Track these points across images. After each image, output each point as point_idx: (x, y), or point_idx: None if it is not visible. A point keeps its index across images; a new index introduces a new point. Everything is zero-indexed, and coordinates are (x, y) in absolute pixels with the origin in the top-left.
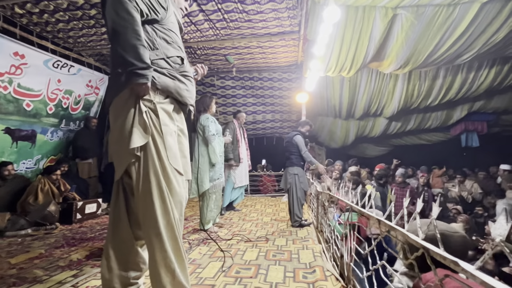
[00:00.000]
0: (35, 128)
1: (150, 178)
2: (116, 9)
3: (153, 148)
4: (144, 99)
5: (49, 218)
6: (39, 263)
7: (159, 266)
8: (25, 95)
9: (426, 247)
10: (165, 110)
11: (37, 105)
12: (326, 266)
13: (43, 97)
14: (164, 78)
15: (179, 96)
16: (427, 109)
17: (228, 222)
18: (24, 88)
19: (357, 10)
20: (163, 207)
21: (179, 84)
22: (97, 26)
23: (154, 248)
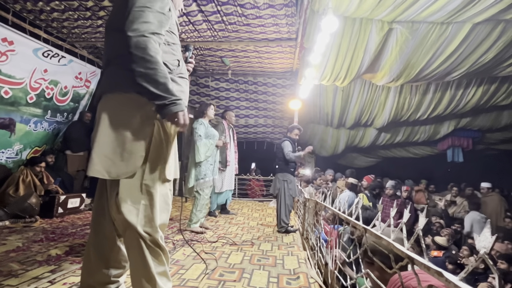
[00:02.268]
0: (13, 117)
1: (140, 183)
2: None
3: (154, 159)
4: (148, 106)
5: (29, 210)
6: (16, 257)
7: (140, 275)
8: (5, 82)
9: (411, 256)
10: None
11: (17, 93)
12: (310, 273)
13: (24, 85)
14: None
15: None
16: (416, 122)
17: (214, 224)
18: (5, 75)
19: (354, 21)
20: (149, 216)
21: (175, 86)
22: (93, 18)
23: (135, 255)
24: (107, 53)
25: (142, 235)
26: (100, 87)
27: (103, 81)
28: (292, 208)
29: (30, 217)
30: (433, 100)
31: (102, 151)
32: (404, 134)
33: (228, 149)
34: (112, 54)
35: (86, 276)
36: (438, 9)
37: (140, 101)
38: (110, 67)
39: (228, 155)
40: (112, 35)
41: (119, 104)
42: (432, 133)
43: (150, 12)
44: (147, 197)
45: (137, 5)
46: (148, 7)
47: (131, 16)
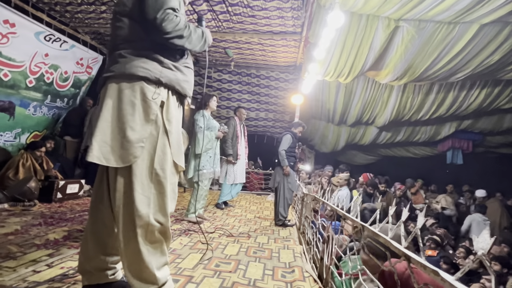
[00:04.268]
0: (12, 100)
1: (152, 174)
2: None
3: (160, 144)
4: (154, 95)
5: (28, 194)
6: (14, 239)
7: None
8: (5, 65)
9: (407, 255)
10: (171, 104)
11: (16, 76)
12: (305, 267)
13: (24, 68)
14: (167, 72)
15: (180, 88)
16: (417, 122)
17: (211, 215)
18: (5, 58)
19: (360, 17)
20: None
21: (180, 75)
22: (96, 4)
23: (136, 245)
24: (114, 38)
25: (152, 224)
26: (105, 72)
27: (108, 67)
28: (291, 202)
29: (29, 201)
30: (435, 101)
31: (102, 137)
32: (405, 133)
33: (239, 143)
34: (119, 40)
35: (84, 261)
36: (446, 8)
37: (144, 90)
38: (116, 52)
39: (239, 148)
40: (121, 21)
41: (123, 92)
42: (433, 134)
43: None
44: (158, 186)
45: None
46: None
47: (154, 2)
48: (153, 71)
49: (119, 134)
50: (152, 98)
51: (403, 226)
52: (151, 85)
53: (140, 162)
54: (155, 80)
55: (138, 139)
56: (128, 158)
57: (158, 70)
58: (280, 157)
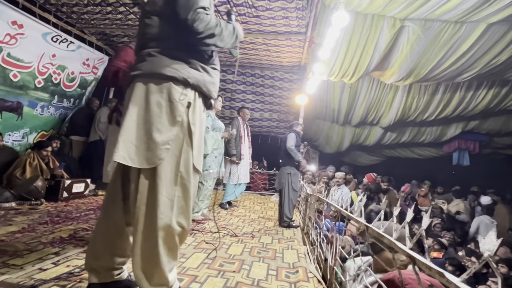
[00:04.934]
0: (20, 100)
1: (178, 177)
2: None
3: (185, 147)
4: (181, 96)
5: (35, 193)
6: (21, 238)
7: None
8: (14, 65)
9: (412, 256)
10: (197, 106)
11: (25, 77)
12: (309, 267)
13: (32, 69)
14: (194, 73)
15: (206, 90)
16: (423, 123)
17: (216, 215)
18: (13, 58)
19: (365, 17)
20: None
21: (207, 77)
22: (102, 5)
23: (151, 247)
24: (142, 36)
25: (173, 227)
26: (132, 70)
27: (135, 65)
28: (295, 203)
29: (35, 200)
30: (441, 101)
31: (128, 137)
32: (410, 134)
33: (243, 143)
34: (148, 38)
35: (91, 260)
36: (452, 7)
37: (171, 91)
38: (145, 51)
39: (243, 149)
40: (151, 20)
41: (150, 91)
42: (439, 135)
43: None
44: (182, 189)
45: None
46: None
47: (185, 2)
48: (181, 71)
49: (145, 134)
50: (179, 99)
51: (407, 227)
52: (179, 86)
53: (165, 164)
54: (183, 81)
55: (164, 141)
56: (153, 159)
57: (186, 71)
58: (292, 153)
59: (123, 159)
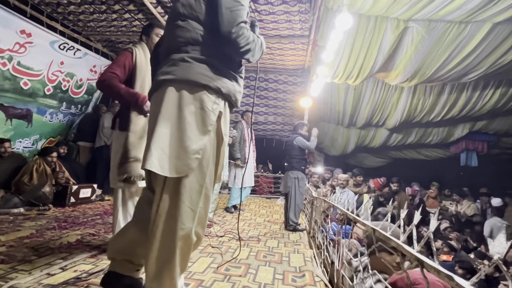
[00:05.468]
0: (30, 108)
1: (202, 188)
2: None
3: (212, 157)
4: (214, 105)
5: (43, 199)
6: (29, 243)
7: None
8: (24, 74)
9: (420, 259)
10: (227, 116)
11: (35, 85)
12: (316, 271)
13: (42, 77)
14: (227, 82)
15: (234, 99)
16: (429, 124)
17: (221, 219)
18: (23, 67)
19: (369, 19)
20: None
21: (237, 86)
22: (108, 12)
23: (168, 255)
24: (173, 39)
25: (192, 238)
26: (162, 74)
27: (165, 69)
28: (302, 207)
29: (43, 205)
30: (448, 102)
31: (160, 144)
32: (416, 135)
33: (247, 147)
34: (181, 42)
35: (115, 250)
36: (457, 7)
37: (204, 99)
38: (177, 55)
39: (247, 152)
40: (186, 23)
41: (183, 99)
42: (446, 136)
43: (243, 10)
44: (205, 200)
45: (230, 3)
46: (242, 5)
47: (229, 15)
48: (215, 80)
49: (176, 143)
50: (212, 108)
51: (415, 229)
52: (212, 95)
53: (191, 174)
54: (216, 90)
55: (195, 150)
56: (183, 169)
57: (220, 80)
58: (314, 144)
59: (155, 166)
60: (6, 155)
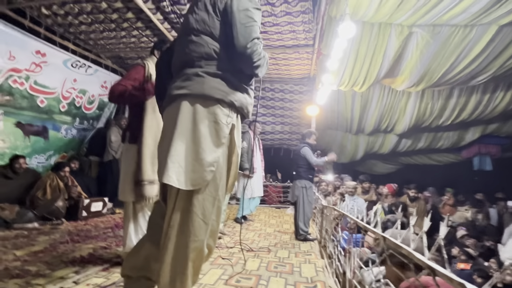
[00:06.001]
0: (46, 124)
1: (215, 201)
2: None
3: (225, 169)
4: (228, 119)
5: (56, 213)
6: (43, 257)
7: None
8: (40, 92)
9: (432, 267)
10: (239, 128)
11: (51, 102)
12: (328, 281)
13: (57, 95)
14: (240, 96)
15: (247, 111)
16: (439, 128)
17: (231, 230)
18: (40, 85)
19: (372, 26)
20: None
21: (249, 99)
22: (117, 30)
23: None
24: (187, 54)
25: (204, 250)
26: (176, 89)
27: (179, 83)
28: (311, 216)
29: (57, 219)
30: (457, 106)
31: (176, 158)
32: (426, 140)
33: (255, 157)
34: (194, 56)
35: (129, 267)
36: (461, 11)
37: (218, 113)
38: (190, 70)
39: (255, 162)
40: (200, 38)
41: (198, 113)
42: (457, 140)
43: (256, 26)
44: (217, 212)
45: (244, 20)
46: (255, 21)
47: (244, 30)
48: (229, 94)
49: (191, 156)
50: (226, 122)
51: (425, 236)
52: (225, 108)
53: (205, 186)
54: (229, 103)
55: (209, 163)
56: (198, 181)
57: (233, 93)
58: (320, 165)
59: (172, 180)
60: (20, 171)
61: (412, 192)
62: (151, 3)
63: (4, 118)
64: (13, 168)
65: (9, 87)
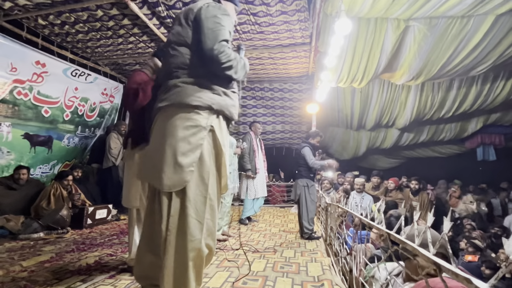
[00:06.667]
0: (51, 134)
1: (206, 199)
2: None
3: (211, 168)
4: (207, 121)
5: (61, 222)
6: (50, 267)
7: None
8: (44, 102)
9: (437, 263)
10: (223, 129)
11: (55, 112)
12: (335, 280)
13: (60, 104)
14: (218, 98)
15: (229, 112)
16: (441, 120)
17: (236, 232)
18: (43, 96)
19: (368, 22)
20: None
21: (228, 101)
22: (114, 37)
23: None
24: (168, 66)
25: (203, 249)
26: (159, 102)
27: (162, 96)
28: (315, 214)
29: (62, 229)
30: (457, 97)
31: (159, 163)
32: (428, 133)
33: (257, 157)
34: (173, 67)
35: (140, 270)
36: (457, 2)
37: (196, 117)
38: (171, 82)
39: (257, 162)
40: (176, 50)
41: (176, 120)
42: (459, 131)
43: (224, 30)
44: (210, 211)
45: (211, 25)
46: (223, 26)
47: (211, 34)
48: (205, 98)
49: (171, 160)
50: (205, 124)
51: (429, 232)
52: (203, 112)
53: (194, 187)
54: (207, 107)
55: (188, 164)
56: (180, 182)
57: (210, 97)
58: (318, 167)
59: (157, 184)
60: (21, 182)
61: (413, 184)
62: (146, 9)
63: (12, 130)
64: (14, 179)
65: (14, 99)
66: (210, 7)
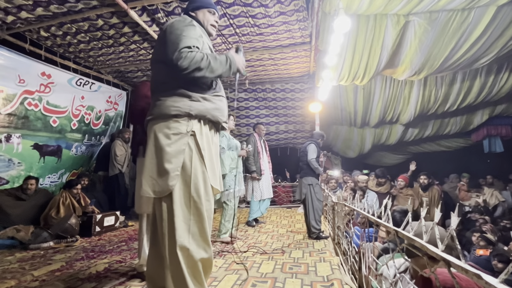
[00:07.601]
0: (60, 144)
1: (190, 201)
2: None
3: (194, 171)
4: (187, 127)
5: (70, 231)
6: (60, 276)
7: None
8: (53, 112)
9: (447, 259)
10: (204, 133)
11: (62, 121)
12: (344, 279)
13: (68, 113)
14: (196, 104)
15: (211, 116)
16: (445, 114)
17: (243, 234)
18: (52, 105)
19: (368, 18)
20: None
21: (209, 105)
22: (115, 45)
23: (177, 273)
24: (153, 83)
25: (191, 249)
26: (147, 116)
27: (150, 111)
28: (321, 213)
29: (71, 237)
30: (461, 90)
31: (148, 173)
32: (433, 127)
33: (262, 159)
34: (155, 83)
35: (148, 279)
36: None
37: (176, 125)
38: (154, 96)
39: (262, 164)
40: (155, 67)
41: (159, 130)
42: (465, 124)
43: (186, 38)
44: (195, 211)
45: (173, 38)
46: (185, 35)
47: (172, 46)
48: (183, 107)
49: (158, 167)
50: (185, 130)
51: (437, 228)
52: (183, 120)
53: (178, 189)
54: (185, 114)
55: (173, 169)
56: (167, 187)
57: (187, 105)
58: (312, 166)
59: (146, 192)
60: (29, 192)
61: (422, 179)
62: (146, 16)
63: (22, 141)
64: (23, 190)
65: (25, 110)
66: (175, 22)
